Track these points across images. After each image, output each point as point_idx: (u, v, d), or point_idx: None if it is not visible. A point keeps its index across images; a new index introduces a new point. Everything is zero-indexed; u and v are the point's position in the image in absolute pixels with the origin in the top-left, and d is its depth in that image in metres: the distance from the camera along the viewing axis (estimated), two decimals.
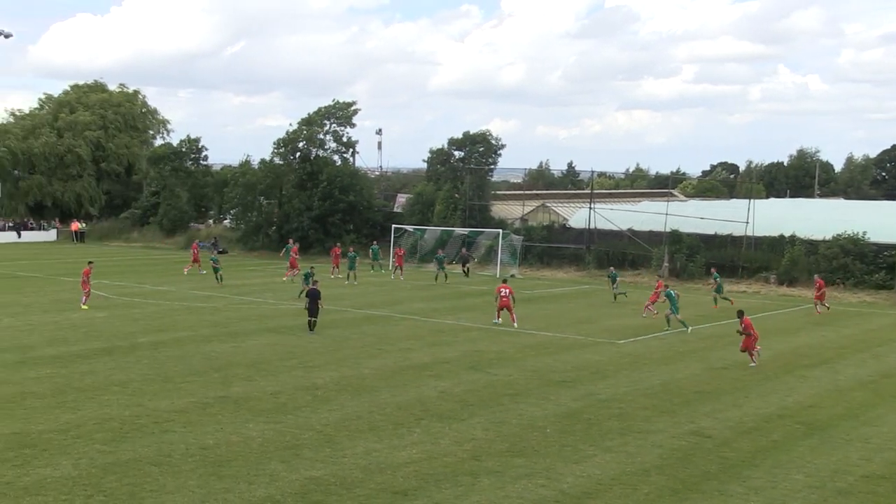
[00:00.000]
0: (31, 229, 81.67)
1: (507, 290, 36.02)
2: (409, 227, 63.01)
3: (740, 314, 29.43)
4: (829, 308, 43.09)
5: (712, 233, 57.11)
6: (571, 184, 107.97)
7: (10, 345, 29.01)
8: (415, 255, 60.64)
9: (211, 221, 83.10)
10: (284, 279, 49.72)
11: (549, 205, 71.66)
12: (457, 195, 65.66)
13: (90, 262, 40.18)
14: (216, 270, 48.02)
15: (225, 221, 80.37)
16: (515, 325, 35.23)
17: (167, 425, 19.81)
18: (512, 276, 56.36)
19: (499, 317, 35.99)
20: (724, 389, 25.29)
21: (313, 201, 67.37)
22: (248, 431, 19.50)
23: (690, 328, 35.38)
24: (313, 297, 32.94)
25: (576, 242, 60.64)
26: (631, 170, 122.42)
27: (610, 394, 24.27)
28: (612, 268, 48.45)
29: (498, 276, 55.24)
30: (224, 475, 16.61)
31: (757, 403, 23.66)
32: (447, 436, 19.66)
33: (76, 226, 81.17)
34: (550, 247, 60.94)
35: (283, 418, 20.68)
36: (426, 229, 62.63)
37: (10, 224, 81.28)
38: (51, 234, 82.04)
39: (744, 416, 22.31)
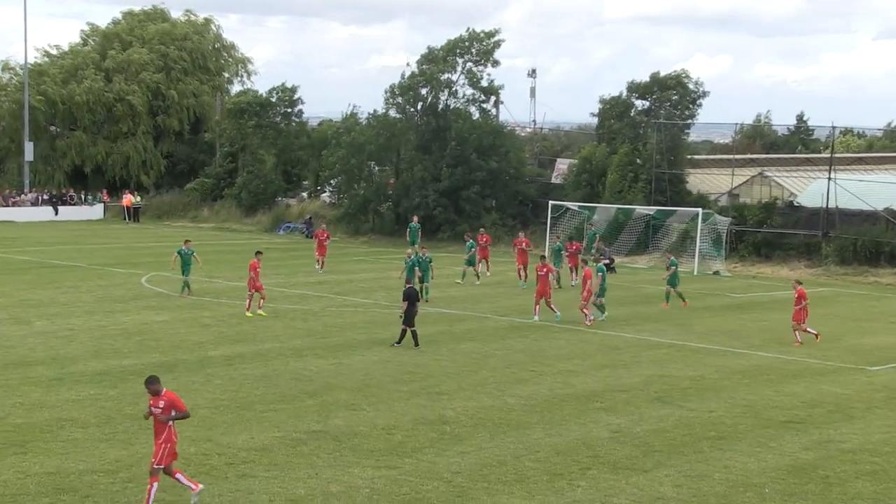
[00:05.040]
0: (72, 204, 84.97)
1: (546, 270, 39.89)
2: (573, 205, 62.78)
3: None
4: (817, 336, 36.29)
5: None
6: (802, 145, 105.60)
7: (45, 356, 30.24)
8: (582, 240, 60.37)
9: (305, 195, 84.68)
10: (318, 269, 53.20)
11: (769, 174, 70.30)
12: (639, 161, 65.06)
13: (258, 253, 39.88)
14: (184, 272, 43.28)
15: (323, 195, 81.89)
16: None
17: (245, 468, 20.30)
18: (716, 272, 55.55)
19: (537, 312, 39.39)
20: None
21: (441, 169, 67.97)
22: (351, 479, 19.79)
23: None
24: (412, 300, 32.96)
25: (808, 227, 59.30)
26: (893, 124, 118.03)
27: (858, 442, 23.68)
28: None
29: (696, 272, 54.54)
30: None
31: None
32: (624, 492, 19.53)
33: (129, 200, 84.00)
34: (771, 233, 59.79)
35: (400, 462, 20.91)
36: (596, 207, 62.26)
37: (46, 196, 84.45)
38: (96, 211, 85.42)
39: None
